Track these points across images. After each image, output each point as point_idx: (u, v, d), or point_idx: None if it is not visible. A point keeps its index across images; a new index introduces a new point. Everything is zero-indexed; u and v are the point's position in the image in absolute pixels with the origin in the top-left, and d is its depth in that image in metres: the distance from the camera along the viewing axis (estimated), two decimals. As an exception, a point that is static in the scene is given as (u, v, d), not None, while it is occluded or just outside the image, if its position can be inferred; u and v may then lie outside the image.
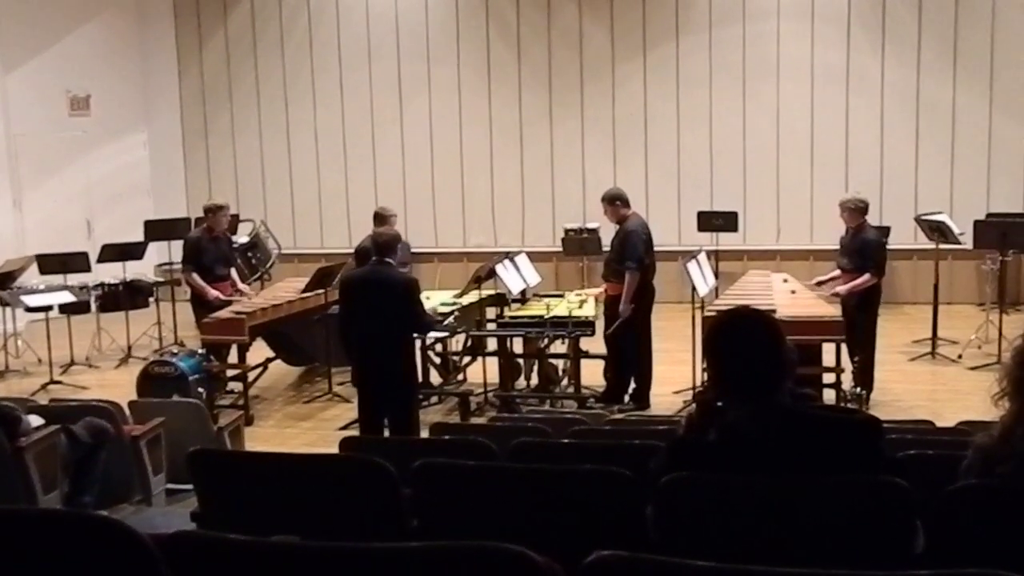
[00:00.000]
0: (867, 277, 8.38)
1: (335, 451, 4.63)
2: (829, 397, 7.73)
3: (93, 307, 11.10)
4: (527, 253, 9.92)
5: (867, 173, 12.50)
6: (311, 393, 9.51)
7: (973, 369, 9.48)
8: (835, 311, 8.20)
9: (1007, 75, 12.33)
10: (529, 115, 13.56)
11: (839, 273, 8.66)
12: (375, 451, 3.93)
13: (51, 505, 5.30)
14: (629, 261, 8.36)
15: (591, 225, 12.51)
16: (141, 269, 11.76)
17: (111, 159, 14.12)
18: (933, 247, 10.59)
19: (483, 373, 8.81)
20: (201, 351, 8.76)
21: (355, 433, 6.93)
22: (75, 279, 10.85)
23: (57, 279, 10.77)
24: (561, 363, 8.99)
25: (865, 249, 8.45)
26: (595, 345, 8.74)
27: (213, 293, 9.36)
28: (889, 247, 9.66)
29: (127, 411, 6.47)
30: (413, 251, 13.32)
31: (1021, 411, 2.93)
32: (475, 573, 2.16)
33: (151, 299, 11.62)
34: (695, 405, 3.25)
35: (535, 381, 9.05)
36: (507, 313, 9.08)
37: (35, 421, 5.67)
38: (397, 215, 9.69)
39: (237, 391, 9.08)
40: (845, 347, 8.09)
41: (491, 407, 8.54)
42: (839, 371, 7.93)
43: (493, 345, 9.00)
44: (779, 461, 2.83)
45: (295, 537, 2.52)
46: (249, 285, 10.44)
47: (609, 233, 9.25)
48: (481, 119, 13.68)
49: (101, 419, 5.92)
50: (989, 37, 12.33)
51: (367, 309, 6.93)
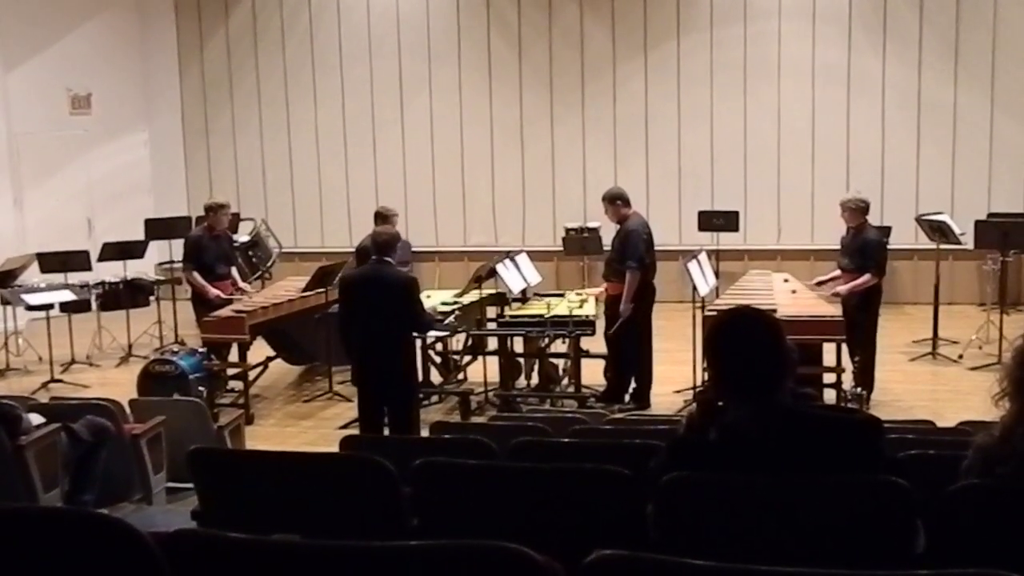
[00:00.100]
0: (868, 277, 8.38)
1: (335, 450, 4.64)
2: (829, 397, 7.73)
3: (94, 306, 11.10)
4: (528, 252, 9.91)
5: (868, 173, 12.50)
6: (311, 392, 9.51)
7: (974, 369, 9.48)
8: (836, 311, 8.20)
9: (1008, 75, 12.33)
10: (530, 114, 13.56)
11: (839, 273, 8.65)
12: (375, 450, 3.93)
13: (52, 503, 5.31)
14: (630, 260, 8.36)
15: (592, 224, 12.50)
16: (142, 268, 11.76)
17: (112, 158, 14.12)
18: (934, 247, 10.58)
19: (483, 372, 8.82)
20: (202, 350, 8.77)
21: (355, 432, 6.93)
22: (76, 278, 10.84)
23: (58, 278, 10.77)
24: (561, 362, 8.99)
25: (866, 249, 8.44)
26: (595, 344, 8.74)
27: (214, 292, 9.36)
28: (890, 247, 9.65)
29: (128, 410, 6.47)
30: (414, 250, 13.32)
31: (1022, 411, 2.93)
32: (475, 572, 2.16)
33: (152, 298, 11.63)
34: (695, 405, 3.25)
35: (535, 380, 9.05)
36: (508, 312, 9.08)
37: (36, 419, 5.67)
38: (398, 214, 9.69)
39: (237, 390, 9.09)
40: (846, 347, 8.09)
41: (491, 406, 8.54)
42: (840, 371, 7.92)
43: (494, 344, 9.00)
44: (780, 461, 2.83)
45: (295, 536, 2.52)
46: (250, 284, 10.45)
47: (610, 232, 9.25)
48: (482, 118, 13.68)
49: (102, 418, 5.92)
50: (990, 37, 12.32)
51: (367, 308, 6.94)
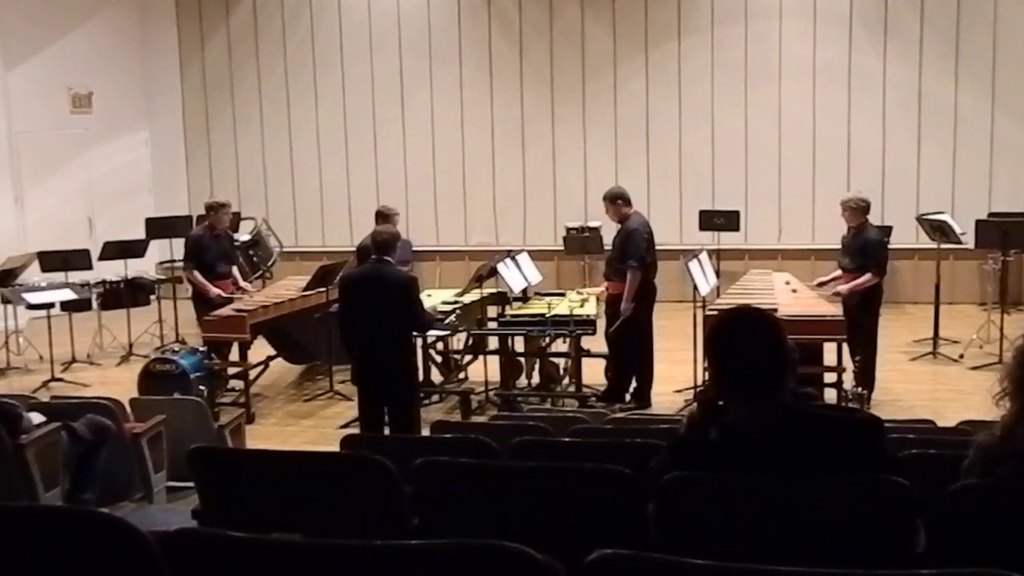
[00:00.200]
0: (868, 276, 8.37)
1: (336, 449, 4.63)
2: (830, 396, 7.72)
3: (94, 304, 11.10)
4: (528, 252, 9.90)
5: (869, 172, 12.50)
6: (312, 391, 9.52)
7: (974, 369, 9.47)
8: (836, 310, 8.19)
9: (1009, 74, 12.32)
10: (531, 113, 13.56)
11: (840, 273, 8.65)
12: (376, 449, 3.92)
13: (52, 502, 5.31)
14: (631, 260, 8.36)
15: (592, 224, 12.50)
16: (143, 267, 11.77)
17: (113, 156, 14.12)
18: (935, 247, 10.58)
19: (484, 372, 8.81)
20: (202, 349, 8.78)
21: (356, 431, 6.93)
22: (76, 276, 10.84)
23: (59, 276, 10.77)
24: (562, 362, 8.99)
25: (867, 248, 8.44)
26: (596, 344, 8.74)
27: (214, 291, 9.36)
28: (891, 247, 9.65)
29: (128, 408, 6.47)
30: (415, 249, 13.33)
31: (1022, 411, 2.93)
32: (476, 571, 2.16)
33: (152, 297, 11.63)
34: (696, 404, 3.25)
35: (536, 380, 9.05)
36: (508, 312, 9.09)
37: (36, 418, 5.68)
38: (399, 213, 9.68)
39: (238, 389, 9.08)
40: (846, 346, 8.09)
41: (492, 406, 8.54)
42: (840, 370, 7.92)
43: (494, 343, 9.00)
44: (780, 460, 2.83)
45: (296, 535, 2.52)
46: (250, 283, 10.45)
47: (611, 232, 9.25)
48: (483, 117, 13.68)
49: (102, 416, 5.92)
50: (991, 36, 12.32)
51: (366, 307, 6.94)
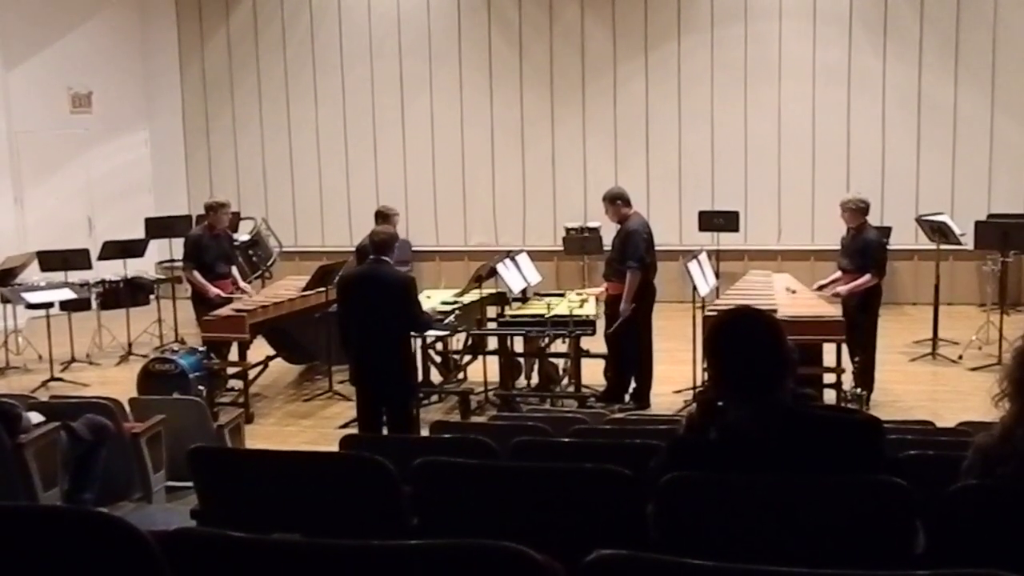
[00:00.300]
0: (868, 277, 8.37)
1: (335, 449, 4.63)
2: (830, 397, 7.73)
3: (94, 304, 11.10)
4: (528, 252, 9.90)
5: (868, 173, 12.50)
6: (311, 391, 9.52)
7: (974, 370, 9.48)
8: (836, 311, 8.19)
9: (1009, 75, 12.32)
10: (530, 114, 13.56)
11: (840, 275, 8.65)
12: (375, 449, 3.92)
13: (51, 502, 5.31)
14: (630, 260, 8.36)
15: (592, 224, 12.50)
16: (142, 266, 11.77)
17: (112, 156, 14.13)
18: (934, 248, 10.58)
19: (483, 372, 8.81)
20: (202, 349, 8.78)
21: (355, 431, 6.93)
22: (76, 276, 10.85)
23: (58, 276, 10.76)
24: (562, 362, 8.99)
25: (866, 249, 8.44)
26: (596, 344, 8.74)
27: (214, 291, 9.36)
28: (890, 247, 9.66)
29: (127, 408, 6.47)
30: (414, 249, 13.33)
31: (1022, 412, 2.93)
32: (475, 571, 2.16)
33: (152, 296, 11.64)
34: (696, 404, 3.25)
35: (536, 380, 9.05)
36: (508, 312, 9.09)
37: (35, 418, 5.68)
38: (399, 214, 9.68)
39: (237, 389, 9.08)
40: (846, 347, 8.08)
41: (491, 406, 8.54)
42: (840, 371, 7.92)
43: (494, 344, 9.00)
44: (780, 461, 2.83)
45: (295, 535, 2.52)
46: (250, 283, 10.45)
47: (610, 232, 9.25)
48: (482, 118, 13.68)
49: (101, 416, 5.92)
50: (991, 37, 12.32)
51: (364, 308, 6.94)
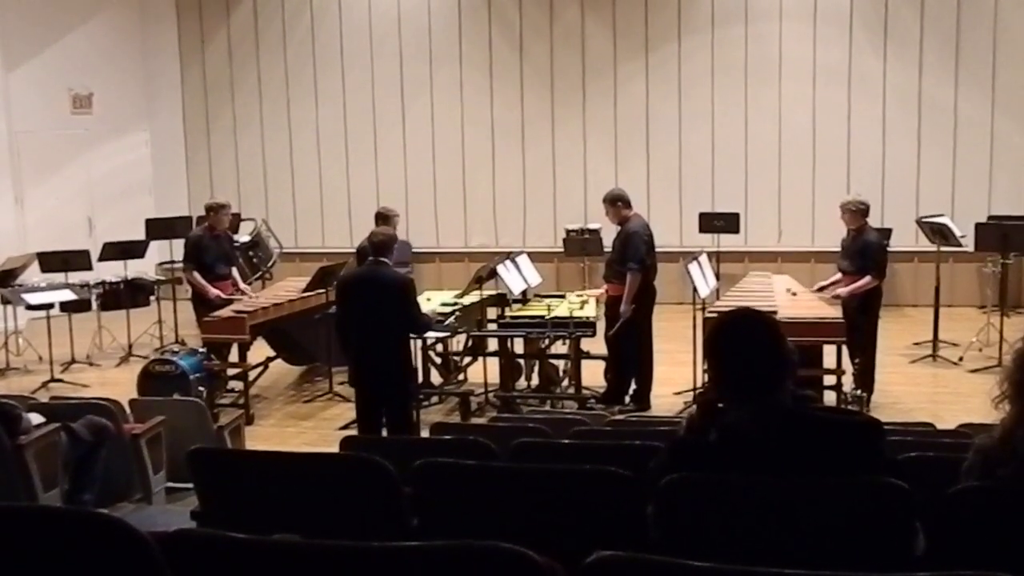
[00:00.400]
0: (868, 279, 8.37)
1: (335, 450, 4.64)
2: (830, 399, 7.72)
3: (94, 305, 11.10)
4: (528, 253, 9.91)
5: (868, 175, 12.50)
6: (312, 392, 9.51)
7: (974, 372, 9.47)
8: (836, 313, 8.19)
9: (1009, 76, 12.32)
10: (531, 115, 13.56)
11: (840, 277, 8.65)
12: (375, 450, 3.92)
13: (51, 503, 5.30)
14: (630, 262, 8.36)
15: (592, 226, 12.50)
16: (142, 267, 11.77)
17: (113, 157, 14.13)
18: (934, 249, 10.57)
19: (484, 373, 8.82)
20: (202, 350, 8.78)
21: (355, 432, 6.93)
22: (76, 277, 10.84)
23: (58, 277, 10.77)
24: (562, 364, 8.99)
25: (866, 251, 8.44)
26: (596, 346, 8.74)
27: (214, 292, 9.36)
28: (890, 249, 9.66)
29: (128, 409, 6.47)
30: (414, 251, 13.33)
31: (1022, 414, 2.93)
32: (475, 573, 2.16)
33: (152, 297, 11.64)
34: (696, 406, 3.25)
35: (536, 381, 9.05)
36: (508, 313, 9.07)
37: (36, 419, 5.67)
38: (399, 215, 9.68)
39: (238, 390, 9.08)
40: (846, 349, 8.08)
41: (492, 407, 8.54)
42: (840, 373, 7.92)
43: (494, 345, 9.00)
44: (780, 462, 2.83)
45: (295, 536, 2.52)
46: (250, 284, 10.44)
47: (610, 234, 9.25)
48: (483, 119, 13.68)
49: (102, 417, 5.92)
50: (991, 38, 12.32)
51: (363, 309, 6.94)
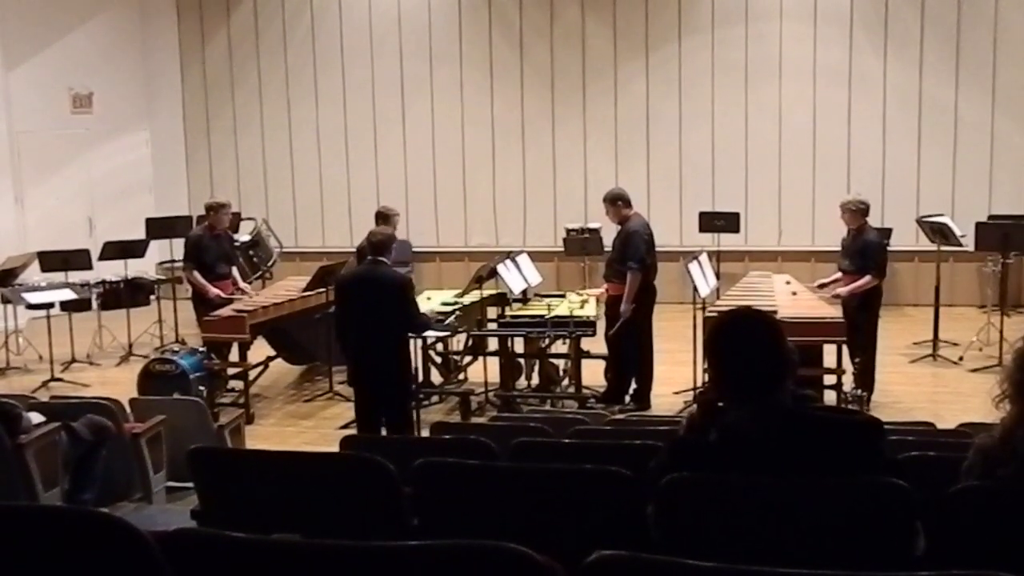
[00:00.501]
0: (868, 279, 8.37)
1: (335, 450, 4.64)
2: (830, 398, 7.72)
3: (94, 304, 11.10)
4: (528, 253, 9.90)
5: (869, 174, 12.49)
6: (312, 392, 9.52)
7: (974, 371, 9.47)
8: (836, 312, 8.19)
9: (1009, 76, 12.32)
10: (531, 115, 13.56)
11: (840, 275, 8.65)
12: (375, 450, 3.92)
13: (52, 502, 5.30)
14: (631, 261, 8.36)
15: (593, 225, 12.49)
16: (142, 267, 11.77)
17: (113, 156, 14.13)
18: (934, 249, 10.57)
19: (484, 373, 8.82)
20: (202, 349, 8.78)
21: (355, 432, 6.93)
22: (76, 276, 10.84)
23: (59, 276, 10.76)
24: (562, 363, 8.99)
25: (866, 250, 8.44)
26: (596, 345, 8.74)
27: (214, 291, 9.36)
28: (890, 249, 9.65)
29: (128, 409, 6.47)
30: (415, 250, 13.34)
31: (1022, 413, 2.93)
32: (476, 572, 2.16)
33: (152, 297, 11.64)
34: (696, 405, 3.25)
35: (536, 381, 9.05)
36: (508, 313, 9.08)
37: (36, 418, 5.68)
38: (400, 214, 9.68)
39: (238, 389, 9.08)
40: (846, 348, 8.08)
41: (492, 407, 8.54)
42: (840, 372, 7.92)
43: (494, 345, 9.00)
44: (780, 462, 2.83)
45: (295, 536, 2.52)
46: (250, 283, 10.44)
47: (611, 233, 9.24)
48: (483, 119, 13.68)
49: (102, 416, 5.92)
50: (991, 38, 12.31)
51: (361, 308, 6.94)
